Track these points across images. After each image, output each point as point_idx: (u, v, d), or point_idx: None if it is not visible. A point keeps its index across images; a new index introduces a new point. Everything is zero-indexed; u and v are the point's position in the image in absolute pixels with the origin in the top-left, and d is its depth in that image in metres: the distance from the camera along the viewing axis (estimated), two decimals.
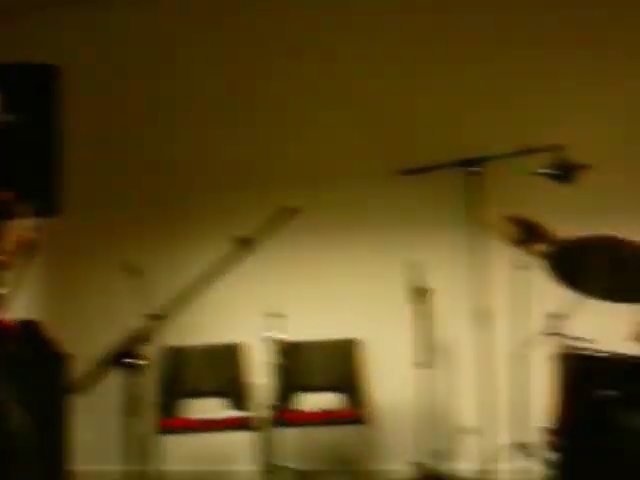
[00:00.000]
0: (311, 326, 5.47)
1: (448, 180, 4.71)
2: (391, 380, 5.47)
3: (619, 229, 4.05)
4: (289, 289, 5.63)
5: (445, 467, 5.23)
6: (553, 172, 4.48)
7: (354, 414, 5.19)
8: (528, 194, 5.08)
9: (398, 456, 5.42)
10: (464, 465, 5.20)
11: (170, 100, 5.99)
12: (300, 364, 5.43)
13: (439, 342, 5.45)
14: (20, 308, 4.04)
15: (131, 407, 3.02)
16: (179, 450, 5.39)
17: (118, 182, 6.03)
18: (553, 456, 4.09)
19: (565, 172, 4.46)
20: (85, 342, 5.08)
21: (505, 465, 4.75)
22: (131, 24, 6.00)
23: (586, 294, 4.19)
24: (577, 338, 4.29)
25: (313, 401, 5.37)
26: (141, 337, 3.07)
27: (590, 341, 4.28)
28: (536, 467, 4.48)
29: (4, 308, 3.87)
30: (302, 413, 5.30)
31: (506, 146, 4.64)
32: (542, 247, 4.40)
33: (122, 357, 3.01)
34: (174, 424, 5.28)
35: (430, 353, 5.27)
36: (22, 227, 3.96)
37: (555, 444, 4.16)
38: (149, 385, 3.78)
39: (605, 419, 3.91)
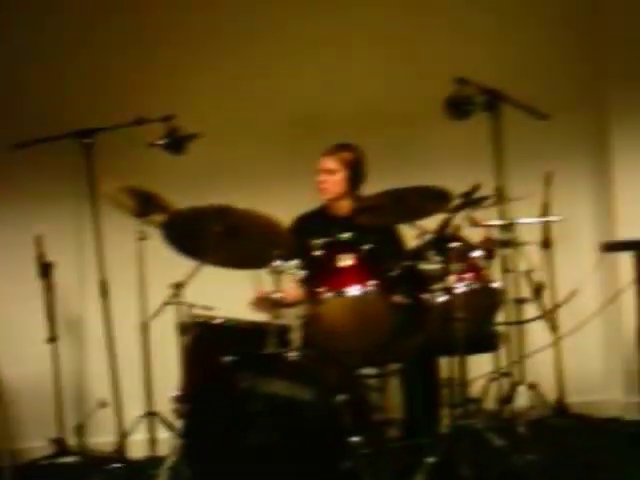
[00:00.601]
0: None
1: (66, 152, 4.61)
2: (24, 357, 5.28)
3: (232, 198, 4.18)
4: None
5: (83, 441, 5.16)
6: (165, 142, 4.52)
7: None
8: (142, 164, 5.04)
9: (36, 433, 5.27)
10: (101, 439, 5.16)
11: None
12: None
13: (68, 316, 5.37)
14: None
15: None
16: None
17: None
18: (181, 423, 4.16)
19: (176, 142, 4.51)
20: None
21: (139, 436, 4.75)
22: None
23: (205, 262, 4.27)
24: (199, 306, 4.38)
25: None
26: None
27: (211, 309, 4.39)
28: (168, 436, 4.54)
29: None
30: None
31: (120, 117, 4.59)
32: (159, 217, 4.43)
33: None
34: None
35: (60, 328, 5.18)
36: None
37: (182, 411, 4.24)
38: None
39: (226, 383, 4.01)
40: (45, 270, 5.08)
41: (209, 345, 4.32)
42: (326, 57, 5.53)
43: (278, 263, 4.14)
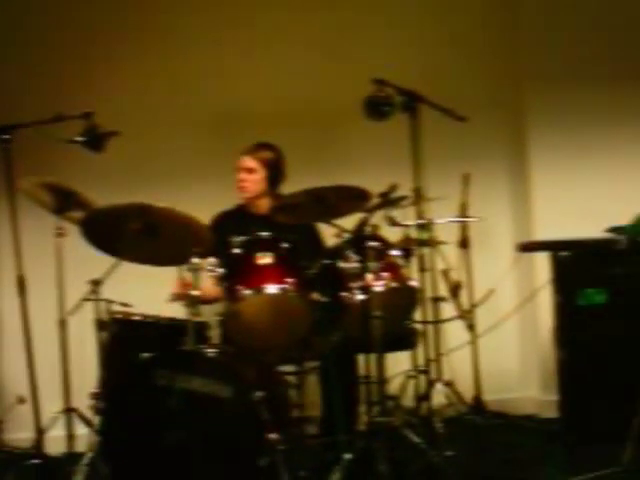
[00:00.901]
0: None
1: None
2: None
3: (150, 195, 4.19)
4: None
5: (0, 438, 5.12)
6: (84, 139, 4.49)
7: None
8: (61, 161, 5.02)
9: None
10: (18, 435, 5.11)
11: None
12: None
13: None
14: None
15: None
16: None
17: None
18: (99, 420, 4.15)
19: (95, 139, 4.48)
20: None
21: (57, 432, 4.71)
22: None
23: (124, 259, 4.26)
24: (117, 303, 4.37)
25: None
26: None
27: (129, 305, 4.38)
28: (86, 432, 4.51)
29: None
30: None
31: (38, 113, 4.51)
32: (78, 214, 4.40)
33: None
34: None
35: None
36: None
37: (100, 408, 4.22)
38: None
39: (144, 380, 4.02)
40: None
41: (127, 342, 4.30)
42: (246, 56, 5.54)
43: (196, 260, 4.15)
